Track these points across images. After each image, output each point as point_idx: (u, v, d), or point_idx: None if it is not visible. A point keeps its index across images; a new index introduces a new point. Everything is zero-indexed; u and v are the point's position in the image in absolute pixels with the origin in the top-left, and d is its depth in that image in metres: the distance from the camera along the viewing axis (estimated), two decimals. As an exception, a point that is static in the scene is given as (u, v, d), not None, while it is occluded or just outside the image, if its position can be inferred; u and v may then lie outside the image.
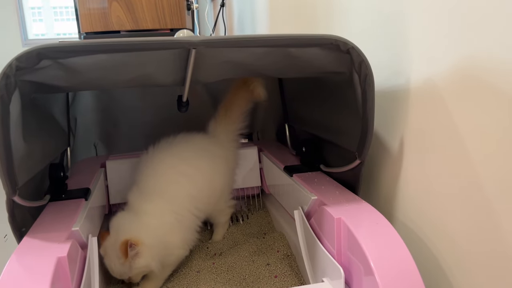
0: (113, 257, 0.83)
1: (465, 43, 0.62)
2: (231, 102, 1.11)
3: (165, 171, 0.96)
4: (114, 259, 0.83)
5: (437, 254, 0.72)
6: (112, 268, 0.84)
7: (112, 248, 0.83)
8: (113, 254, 0.83)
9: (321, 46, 0.71)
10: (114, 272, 0.84)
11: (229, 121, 1.11)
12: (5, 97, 0.61)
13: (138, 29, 1.83)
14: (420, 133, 0.74)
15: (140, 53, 0.67)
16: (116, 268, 0.83)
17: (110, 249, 0.83)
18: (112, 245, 0.83)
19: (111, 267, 0.84)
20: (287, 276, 0.92)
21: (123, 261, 0.82)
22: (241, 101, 1.11)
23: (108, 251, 0.84)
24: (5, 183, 0.64)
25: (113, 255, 0.83)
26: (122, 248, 0.81)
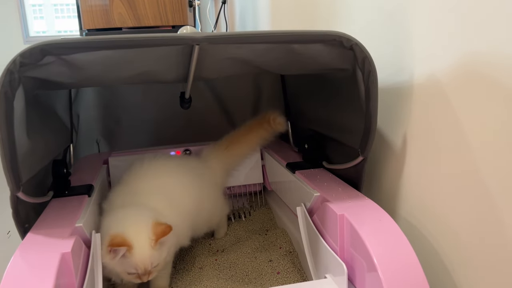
0: (142, 248, 0.76)
1: (468, 39, 0.62)
2: (239, 141, 1.12)
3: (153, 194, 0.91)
4: (144, 249, 0.76)
5: (439, 250, 0.72)
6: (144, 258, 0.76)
7: (140, 239, 0.77)
8: (143, 245, 0.76)
9: (324, 43, 0.71)
10: (145, 262, 0.76)
11: (227, 156, 1.11)
12: (9, 93, 0.61)
13: (140, 26, 1.83)
14: (423, 130, 0.74)
15: (143, 50, 0.67)
16: (149, 257, 0.76)
17: (137, 241, 0.76)
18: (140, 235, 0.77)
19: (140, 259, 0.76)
20: (290, 273, 0.92)
21: (154, 246, 0.77)
22: (249, 143, 1.13)
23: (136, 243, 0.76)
24: (9, 179, 0.64)
25: (143, 245, 0.76)
26: (158, 231, 0.77)
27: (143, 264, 0.76)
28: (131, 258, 0.76)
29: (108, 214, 0.86)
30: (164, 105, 1.26)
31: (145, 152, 1.17)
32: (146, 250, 0.76)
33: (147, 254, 0.76)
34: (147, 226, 0.78)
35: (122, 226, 0.79)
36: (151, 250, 0.77)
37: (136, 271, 0.77)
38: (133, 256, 0.76)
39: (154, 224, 0.78)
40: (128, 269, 0.77)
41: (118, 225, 0.79)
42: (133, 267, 0.76)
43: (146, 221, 0.79)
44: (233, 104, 1.32)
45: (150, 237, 0.77)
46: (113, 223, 0.81)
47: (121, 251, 0.75)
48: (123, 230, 0.77)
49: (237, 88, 1.29)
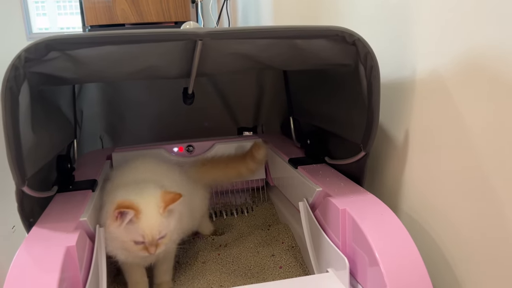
0: (150, 214, 0.76)
1: (470, 35, 0.62)
2: (219, 170, 1.12)
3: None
4: (152, 216, 0.76)
5: (441, 244, 0.72)
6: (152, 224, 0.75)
7: (148, 205, 0.76)
8: (151, 210, 0.76)
9: (326, 38, 0.71)
10: (153, 229, 0.75)
11: (206, 177, 1.10)
12: (15, 88, 0.61)
13: (142, 22, 1.83)
14: (425, 125, 0.75)
15: (146, 45, 0.68)
16: (157, 224, 0.76)
17: (145, 207, 0.76)
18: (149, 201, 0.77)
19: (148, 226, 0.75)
20: (292, 267, 0.93)
21: (163, 212, 0.76)
22: (228, 175, 1.13)
23: (144, 208, 0.76)
24: (15, 174, 0.64)
25: (152, 211, 0.76)
26: (167, 198, 0.77)
27: (150, 231, 0.75)
28: (138, 223, 0.74)
29: (113, 190, 0.85)
30: (167, 101, 1.27)
31: (148, 147, 1.17)
32: (154, 217, 0.75)
33: (156, 220, 0.75)
34: (156, 194, 0.78)
35: (130, 194, 0.78)
36: (160, 217, 0.76)
37: (143, 240, 0.75)
38: (141, 221, 0.74)
39: (163, 192, 0.78)
40: (135, 237, 0.75)
41: (126, 194, 0.79)
42: (140, 235, 0.75)
43: (154, 190, 0.80)
44: (236, 100, 1.32)
45: (159, 204, 0.76)
46: (120, 194, 0.80)
47: (129, 215, 0.74)
48: (131, 197, 0.77)
49: (240, 84, 1.29)
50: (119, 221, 0.75)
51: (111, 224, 0.76)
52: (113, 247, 0.79)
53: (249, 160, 1.12)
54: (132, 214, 0.74)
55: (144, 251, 0.76)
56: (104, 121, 1.25)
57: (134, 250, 0.76)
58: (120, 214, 0.74)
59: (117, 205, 0.74)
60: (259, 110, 1.34)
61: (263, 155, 1.12)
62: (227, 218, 1.19)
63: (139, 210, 0.74)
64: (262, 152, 1.12)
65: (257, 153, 1.11)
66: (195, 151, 1.20)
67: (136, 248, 0.76)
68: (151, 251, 0.76)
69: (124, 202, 0.75)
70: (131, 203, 0.75)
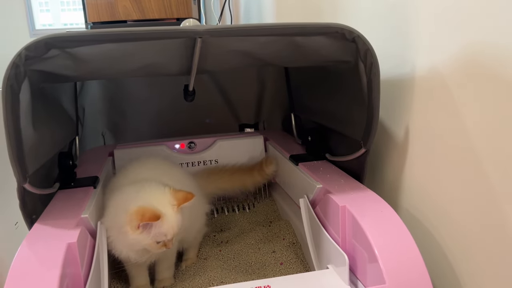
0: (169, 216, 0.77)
1: (469, 31, 0.62)
2: (224, 179, 1.13)
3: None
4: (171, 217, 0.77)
5: (441, 241, 0.73)
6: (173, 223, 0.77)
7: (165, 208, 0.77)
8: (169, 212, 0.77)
9: (326, 35, 0.71)
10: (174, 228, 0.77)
11: (211, 186, 1.10)
12: (15, 86, 0.62)
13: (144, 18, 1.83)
14: (425, 122, 0.74)
15: (146, 43, 0.68)
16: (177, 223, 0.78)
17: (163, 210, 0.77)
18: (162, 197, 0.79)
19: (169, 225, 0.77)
20: (293, 263, 0.93)
21: (177, 211, 0.78)
22: (233, 185, 1.14)
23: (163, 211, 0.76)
24: (16, 171, 0.65)
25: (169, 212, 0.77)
26: (179, 197, 0.79)
27: (172, 230, 0.77)
28: (162, 227, 0.76)
29: (119, 191, 0.84)
30: (169, 98, 1.27)
31: (150, 144, 1.18)
32: (172, 216, 0.77)
33: (174, 220, 0.78)
34: (167, 194, 0.79)
35: (143, 198, 0.78)
36: (176, 215, 0.78)
37: (165, 238, 0.77)
38: (164, 224, 0.76)
39: (173, 191, 0.80)
40: (157, 239, 0.76)
41: (138, 198, 0.78)
42: (163, 235, 0.77)
43: (163, 190, 0.80)
44: (237, 96, 1.32)
45: (172, 202, 0.78)
46: (130, 197, 0.80)
47: (155, 225, 0.75)
48: (146, 202, 0.77)
49: (241, 80, 1.29)
50: (141, 229, 0.75)
51: (132, 232, 0.75)
52: (125, 249, 0.79)
53: (257, 174, 1.14)
54: (159, 223, 0.75)
55: (163, 247, 0.78)
56: (106, 118, 1.26)
57: (153, 249, 0.78)
58: (143, 225, 0.74)
59: (139, 217, 0.74)
60: (260, 107, 1.34)
61: (273, 171, 1.15)
62: (229, 215, 1.20)
63: (162, 215, 0.75)
64: (273, 167, 1.14)
65: (267, 168, 1.14)
66: (196, 148, 1.20)
67: (157, 247, 0.77)
68: (169, 246, 0.78)
69: (146, 213, 0.74)
70: (153, 212, 0.75)
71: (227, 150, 1.20)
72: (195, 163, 1.19)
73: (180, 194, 0.80)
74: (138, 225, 0.74)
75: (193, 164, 1.19)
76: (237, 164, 1.18)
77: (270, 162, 1.15)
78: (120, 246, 0.79)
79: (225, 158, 1.20)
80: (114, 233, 0.79)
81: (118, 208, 0.80)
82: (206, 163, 1.19)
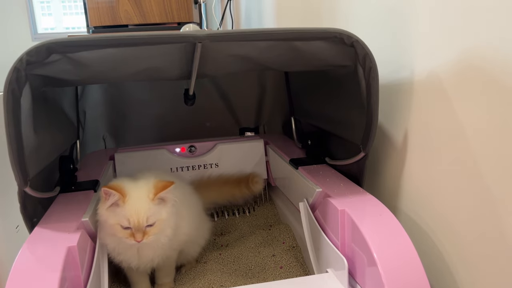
0: (138, 199, 0.75)
1: (467, 36, 0.62)
2: (214, 191, 1.14)
3: None
4: (140, 200, 0.75)
5: (439, 245, 0.73)
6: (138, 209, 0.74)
7: (137, 190, 0.76)
8: (139, 195, 0.76)
9: (325, 40, 0.71)
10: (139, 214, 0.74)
11: (208, 197, 1.11)
12: (16, 90, 0.62)
13: (145, 23, 1.84)
14: (424, 126, 0.75)
15: (147, 47, 0.69)
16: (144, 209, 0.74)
17: (134, 192, 0.76)
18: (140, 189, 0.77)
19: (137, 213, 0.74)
20: (292, 267, 0.93)
21: (153, 199, 0.75)
22: (223, 196, 1.15)
23: (132, 193, 0.75)
24: (17, 174, 0.65)
25: (140, 196, 0.76)
26: (158, 185, 0.77)
27: (137, 216, 0.74)
28: (124, 207, 0.74)
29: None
30: (169, 102, 1.28)
31: (150, 148, 1.18)
32: (142, 202, 0.75)
33: (143, 206, 0.74)
34: (149, 182, 0.78)
35: (124, 179, 0.80)
36: (149, 203, 0.75)
37: (129, 224, 0.74)
38: (127, 205, 0.74)
39: (156, 181, 0.79)
40: (121, 221, 0.74)
41: (121, 180, 0.80)
42: (126, 219, 0.74)
43: (149, 179, 0.80)
44: (237, 100, 1.33)
45: (150, 189, 0.76)
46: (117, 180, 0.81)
47: (113, 196, 0.74)
48: (123, 181, 0.79)
49: (242, 84, 1.30)
50: (108, 205, 0.75)
51: (100, 206, 0.76)
52: (103, 234, 0.79)
53: (244, 188, 1.15)
54: (116, 196, 0.74)
55: (131, 238, 0.74)
56: (107, 122, 1.26)
57: (121, 236, 0.75)
58: (107, 195, 0.75)
59: (107, 186, 0.75)
60: (261, 111, 1.35)
61: (259, 189, 1.17)
62: (229, 218, 1.20)
63: (125, 194, 0.75)
64: (258, 186, 1.16)
65: (253, 187, 1.15)
66: (197, 152, 1.21)
67: (123, 234, 0.75)
68: (137, 238, 0.74)
69: (112, 184, 0.76)
70: (118, 186, 0.76)
71: (227, 153, 1.20)
72: (195, 167, 1.19)
73: (160, 183, 0.77)
74: (103, 195, 0.74)
75: (193, 168, 1.19)
76: (224, 175, 1.19)
77: (256, 181, 1.16)
78: (100, 231, 0.79)
79: (226, 162, 1.20)
80: (96, 215, 0.78)
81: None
82: (207, 167, 1.20)
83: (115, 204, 0.75)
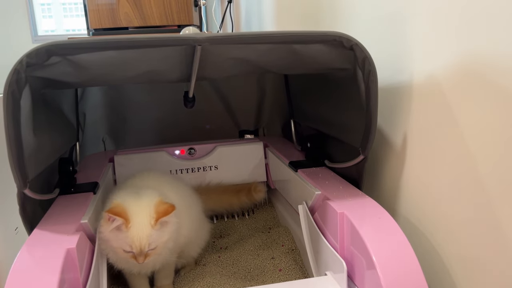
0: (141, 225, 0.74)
1: (466, 39, 0.63)
2: (212, 198, 1.14)
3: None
4: (143, 227, 0.73)
5: (438, 248, 0.73)
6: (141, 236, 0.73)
7: (140, 215, 0.74)
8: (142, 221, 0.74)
9: (324, 43, 0.72)
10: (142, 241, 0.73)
11: (208, 204, 1.11)
12: (16, 92, 0.62)
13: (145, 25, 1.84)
14: (423, 129, 0.75)
15: (147, 50, 0.69)
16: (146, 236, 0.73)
17: (137, 217, 0.74)
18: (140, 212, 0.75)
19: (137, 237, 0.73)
20: (291, 270, 0.93)
21: (154, 225, 0.74)
22: (222, 204, 1.16)
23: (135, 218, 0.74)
24: (16, 176, 0.65)
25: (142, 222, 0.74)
26: (160, 209, 0.74)
27: (139, 243, 0.73)
28: (127, 233, 0.73)
29: (114, 195, 0.84)
30: (169, 104, 1.28)
31: (150, 150, 1.18)
32: (144, 228, 0.73)
33: (145, 232, 0.73)
34: (151, 203, 0.76)
35: (127, 198, 0.78)
36: (150, 229, 0.74)
37: (131, 249, 0.73)
38: (130, 231, 0.73)
39: (158, 202, 0.76)
40: (123, 246, 0.73)
41: (124, 197, 0.78)
42: (129, 244, 0.73)
43: (151, 197, 0.78)
44: (237, 103, 1.33)
45: (151, 215, 0.74)
46: (119, 196, 0.80)
47: (117, 222, 0.73)
48: (126, 202, 0.76)
49: (242, 87, 1.30)
50: (112, 228, 0.74)
51: (103, 225, 0.75)
52: (104, 247, 0.78)
53: (244, 197, 1.16)
54: (120, 221, 0.73)
55: (133, 260, 0.75)
56: (106, 124, 1.26)
57: (123, 257, 0.76)
58: (111, 219, 0.74)
59: (110, 208, 0.74)
60: (260, 113, 1.35)
61: (261, 198, 1.18)
62: (228, 221, 1.20)
63: (129, 220, 0.73)
64: (261, 195, 1.17)
65: (256, 195, 1.16)
66: (196, 154, 1.21)
67: (125, 256, 0.75)
68: (139, 261, 0.74)
69: (117, 207, 0.74)
70: (122, 210, 0.74)
71: (227, 156, 1.20)
72: (195, 169, 1.19)
73: (162, 207, 0.76)
74: (108, 217, 0.73)
75: (192, 170, 1.19)
76: (224, 183, 1.19)
77: (260, 190, 1.17)
78: (102, 244, 0.78)
79: (225, 164, 1.20)
80: (98, 232, 0.78)
81: (105, 207, 0.79)
82: (206, 169, 1.20)
83: (118, 228, 0.74)
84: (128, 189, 0.84)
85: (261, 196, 1.17)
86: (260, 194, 1.17)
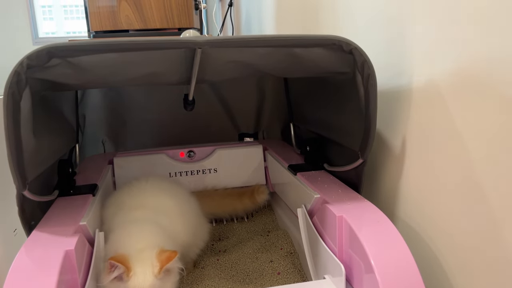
0: (143, 273, 0.71)
1: (465, 43, 0.63)
2: (215, 203, 1.14)
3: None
4: (145, 275, 0.70)
5: (437, 252, 0.73)
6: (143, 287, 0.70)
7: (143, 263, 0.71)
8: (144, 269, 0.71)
9: (324, 46, 0.72)
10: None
11: (212, 209, 1.12)
12: (16, 94, 0.63)
13: (146, 28, 1.85)
14: (422, 133, 0.75)
15: (147, 53, 0.69)
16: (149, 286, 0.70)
17: (139, 264, 0.71)
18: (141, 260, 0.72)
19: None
20: (290, 273, 0.93)
21: (158, 273, 0.71)
22: (224, 209, 1.16)
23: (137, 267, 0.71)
24: (15, 178, 0.65)
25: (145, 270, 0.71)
26: (162, 258, 0.72)
27: None
28: (128, 283, 0.70)
29: (116, 229, 0.82)
30: (169, 107, 1.28)
31: (149, 152, 1.18)
32: (147, 278, 0.70)
33: (148, 283, 0.70)
34: (152, 251, 0.73)
35: (129, 246, 0.75)
36: (153, 278, 0.70)
37: None
38: (131, 282, 0.70)
39: (160, 251, 0.73)
40: None
41: (125, 244, 0.76)
42: None
43: (152, 244, 0.75)
44: (237, 106, 1.33)
45: (154, 263, 0.71)
46: (121, 240, 0.78)
47: (118, 269, 0.70)
48: (129, 251, 0.73)
49: (241, 90, 1.31)
50: (113, 277, 0.70)
51: (104, 276, 0.71)
52: None
53: (247, 200, 1.15)
54: (121, 269, 0.70)
55: None
56: (106, 126, 1.27)
57: None
58: (113, 267, 0.70)
59: (112, 258, 0.70)
60: (260, 116, 1.35)
61: (264, 200, 1.17)
62: (227, 224, 1.20)
63: (130, 268, 0.70)
64: (264, 197, 1.17)
65: (259, 197, 1.16)
66: (196, 157, 1.21)
67: None
68: None
69: (119, 257, 0.71)
70: (124, 257, 0.71)
71: (226, 159, 1.21)
72: (194, 172, 1.19)
73: (164, 254, 0.73)
74: (110, 265, 0.70)
75: (192, 173, 1.19)
76: (228, 188, 1.19)
77: (262, 192, 1.17)
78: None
79: (224, 167, 1.20)
80: (98, 280, 0.74)
81: (108, 251, 0.77)
82: (205, 172, 1.20)
83: (119, 277, 0.70)
84: (127, 227, 0.81)
85: (264, 198, 1.17)
86: (263, 196, 1.17)
